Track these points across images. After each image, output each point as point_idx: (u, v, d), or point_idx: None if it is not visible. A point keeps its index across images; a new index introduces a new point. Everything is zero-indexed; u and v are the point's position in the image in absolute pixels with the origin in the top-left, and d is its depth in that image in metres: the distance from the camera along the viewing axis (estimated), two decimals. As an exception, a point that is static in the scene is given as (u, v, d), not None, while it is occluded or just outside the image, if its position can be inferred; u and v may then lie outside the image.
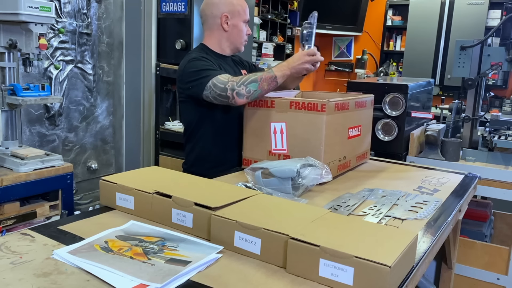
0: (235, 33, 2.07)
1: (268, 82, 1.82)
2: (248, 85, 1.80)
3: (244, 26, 2.08)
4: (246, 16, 2.08)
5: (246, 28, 2.10)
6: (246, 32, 2.10)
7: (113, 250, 1.10)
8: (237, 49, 2.14)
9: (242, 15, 2.06)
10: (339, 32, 6.30)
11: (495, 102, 5.33)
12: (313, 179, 1.63)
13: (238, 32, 2.07)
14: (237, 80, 1.82)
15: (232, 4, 2.04)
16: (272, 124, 1.85)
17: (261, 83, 1.81)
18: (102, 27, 3.50)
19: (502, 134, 2.60)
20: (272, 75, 1.83)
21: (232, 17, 2.04)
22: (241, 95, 1.81)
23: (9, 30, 2.15)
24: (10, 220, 2.11)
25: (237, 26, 2.06)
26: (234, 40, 2.09)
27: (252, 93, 1.82)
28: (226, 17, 2.03)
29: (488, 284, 2.47)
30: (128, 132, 3.74)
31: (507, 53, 2.60)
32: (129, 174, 1.60)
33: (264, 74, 1.83)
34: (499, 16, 5.21)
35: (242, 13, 2.06)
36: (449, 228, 1.57)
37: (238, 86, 1.81)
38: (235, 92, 1.82)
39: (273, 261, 1.10)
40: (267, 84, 1.82)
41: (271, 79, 1.82)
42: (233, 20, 2.05)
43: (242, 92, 1.81)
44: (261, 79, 1.81)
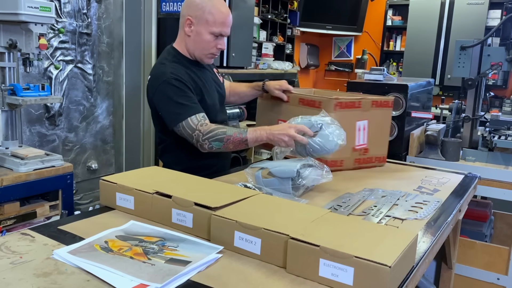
0: (197, 41, 1.86)
1: (235, 144, 1.74)
2: (213, 142, 1.73)
3: (210, 38, 1.84)
4: (217, 28, 1.83)
5: (214, 41, 1.86)
6: (216, 45, 1.87)
7: (113, 250, 1.10)
8: (200, 59, 1.92)
9: (210, 26, 1.82)
10: (339, 32, 6.30)
11: (495, 102, 5.33)
12: (313, 180, 1.63)
13: (201, 42, 1.85)
14: (204, 132, 1.74)
15: (202, 11, 1.82)
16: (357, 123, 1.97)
17: (227, 143, 1.73)
18: (102, 27, 3.50)
19: (502, 134, 2.60)
20: (243, 138, 1.72)
21: (197, 23, 1.84)
22: (203, 149, 1.77)
23: (9, 30, 2.15)
24: (10, 220, 2.11)
25: (200, 34, 1.84)
26: (195, 48, 1.88)
27: (214, 150, 1.76)
28: (190, 21, 1.85)
29: (488, 284, 2.47)
30: (128, 132, 3.74)
31: (507, 53, 2.60)
32: (129, 174, 1.60)
33: (234, 135, 1.72)
34: (499, 16, 5.21)
35: (212, 23, 1.82)
36: (449, 228, 1.57)
37: (202, 140, 1.74)
38: (199, 144, 1.77)
39: (273, 261, 1.10)
40: (233, 145, 1.74)
41: (240, 141, 1.73)
42: (197, 26, 1.84)
43: (205, 147, 1.76)
44: (227, 140, 1.72)
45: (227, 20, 1.87)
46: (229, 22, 1.89)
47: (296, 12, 5.63)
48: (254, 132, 1.73)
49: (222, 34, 1.87)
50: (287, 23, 5.41)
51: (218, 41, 1.88)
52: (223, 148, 1.75)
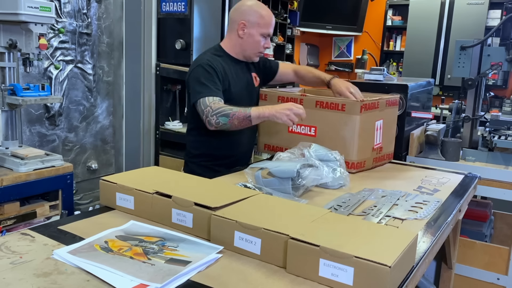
0: (249, 42, 2.10)
1: (240, 120, 1.89)
2: (220, 117, 1.89)
3: (260, 38, 2.09)
4: (266, 30, 2.09)
5: (263, 41, 2.11)
6: (264, 44, 2.12)
7: (113, 250, 1.10)
8: (249, 58, 2.17)
9: (261, 27, 2.07)
10: (339, 32, 6.29)
11: (495, 102, 5.32)
12: (313, 180, 1.63)
13: (253, 42, 2.10)
14: (214, 108, 1.90)
15: (253, 15, 2.07)
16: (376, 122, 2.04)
17: (232, 119, 1.88)
18: (102, 27, 3.50)
19: (502, 134, 2.60)
20: (246, 114, 1.88)
21: (249, 26, 2.07)
22: (211, 124, 1.92)
23: (9, 30, 2.15)
24: (10, 220, 2.11)
25: (252, 36, 2.08)
26: (247, 48, 2.12)
27: (221, 126, 1.91)
28: (244, 25, 2.07)
29: (488, 284, 2.47)
30: (128, 132, 3.74)
31: (507, 53, 2.60)
32: (129, 174, 1.60)
33: (239, 112, 1.88)
34: (499, 16, 5.20)
35: (263, 25, 2.08)
36: (449, 228, 1.57)
37: (211, 115, 1.90)
38: (207, 120, 1.92)
39: (273, 261, 1.10)
40: (238, 121, 1.89)
41: (244, 117, 1.88)
42: (250, 29, 2.07)
43: (212, 122, 1.91)
44: (233, 116, 1.88)
45: (272, 22, 2.14)
46: (273, 23, 2.16)
47: (296, 12, 5.63)
48: (257, 109, 1.90)
49: (270, 35, 2.14)
50: (287, 23, 5.41)
51: (266, 40, 2.13)
52: (228, 124, 1.89)
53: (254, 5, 2.10)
